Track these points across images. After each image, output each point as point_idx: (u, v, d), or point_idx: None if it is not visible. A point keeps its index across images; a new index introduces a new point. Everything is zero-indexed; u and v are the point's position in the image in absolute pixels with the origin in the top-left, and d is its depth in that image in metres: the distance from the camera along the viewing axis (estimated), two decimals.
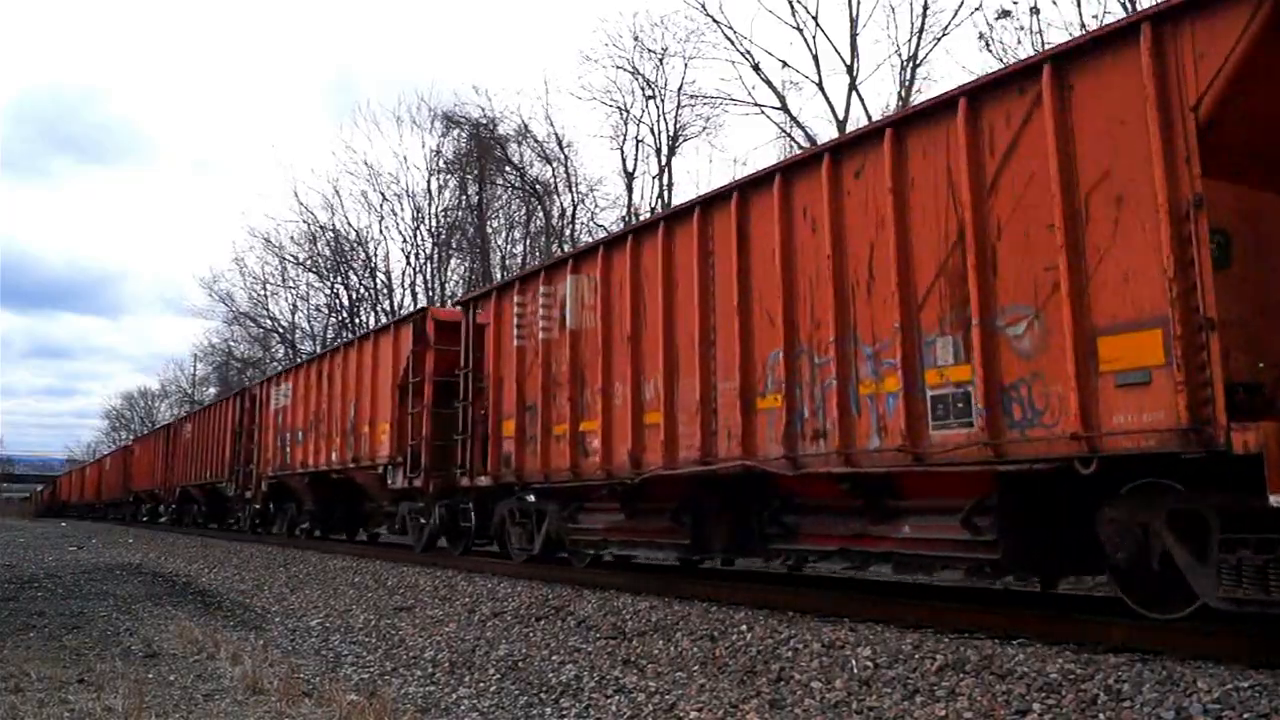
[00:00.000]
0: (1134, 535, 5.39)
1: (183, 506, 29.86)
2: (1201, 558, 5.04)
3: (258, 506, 21.21)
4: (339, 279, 40.92)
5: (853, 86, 22.52)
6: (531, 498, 10.98)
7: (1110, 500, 5.50)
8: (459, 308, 13.47)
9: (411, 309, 27.44)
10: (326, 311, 42.05)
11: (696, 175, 54.55)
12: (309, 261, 41.60)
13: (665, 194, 29.42)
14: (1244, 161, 5.07)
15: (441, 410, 12.80)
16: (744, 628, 6.60)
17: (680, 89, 29.16)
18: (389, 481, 14.05)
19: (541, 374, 10.21)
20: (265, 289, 45.16)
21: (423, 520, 13.61)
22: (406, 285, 38.21)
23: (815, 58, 23.46)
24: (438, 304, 32.64)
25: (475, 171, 35.07)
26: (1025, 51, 17.30)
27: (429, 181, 37.15)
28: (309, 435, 17.58)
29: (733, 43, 25.81)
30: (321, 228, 40.31)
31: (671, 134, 30.00)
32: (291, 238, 42.88)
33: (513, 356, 10.83)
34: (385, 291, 39.19)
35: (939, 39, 21.93)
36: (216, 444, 24.31)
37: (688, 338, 8.24)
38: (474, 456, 11.59)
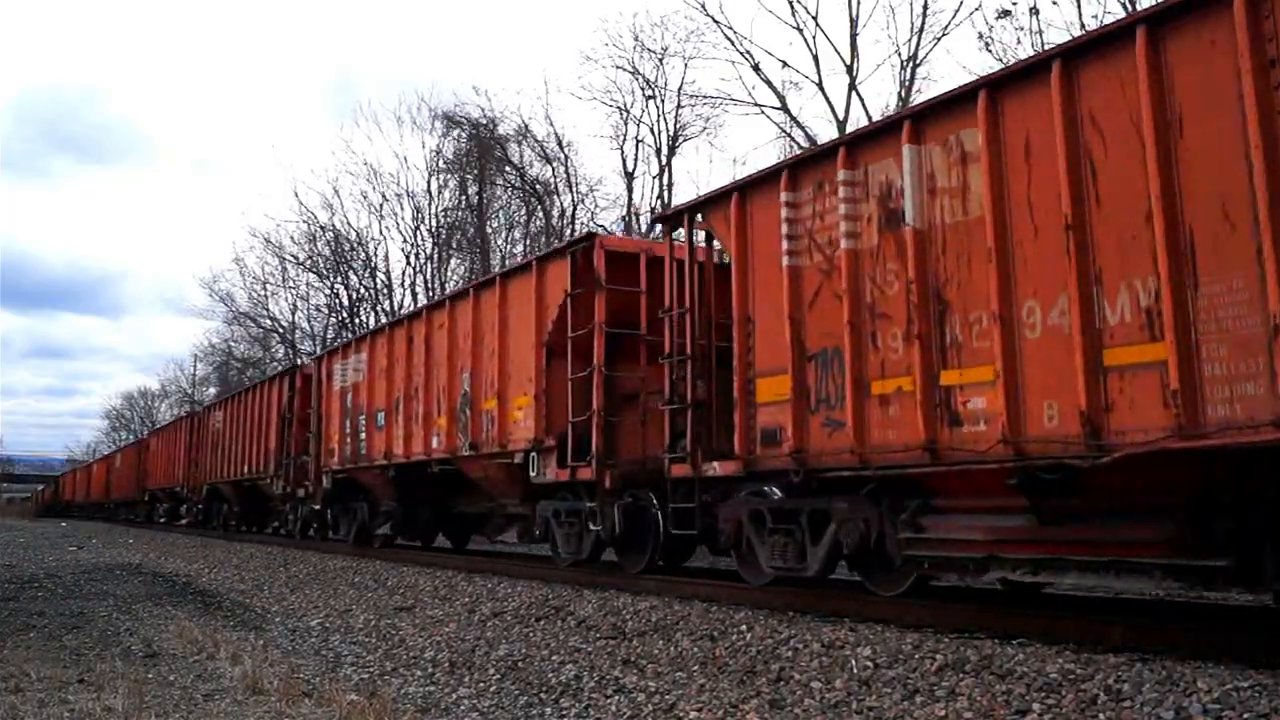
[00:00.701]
0: None
1: (211, 507, 26.73)
2: None
3: (316, 507, 17.55)
4: (339, 279, 40.97)
5: (853, 86, 22.56)
6: (774, 494, 7.80)
7: None
8: (638, 235, 11.93)
9: (412, 307, 27.07)
10: (326, 311, 42.10)
11: (696, 175, 54.59)
12: (309, 261, 41.65)
13: (665, 194, 29.44)
14: None
15: (617, 374, 9.66)
16: (744, 628, 6.60)
17: (680, 89, 29.21)
18: (531, 473, 10.33)
19: (847, 304, 6.88)
20: (265, 289, 45.19)
21: (591, 525, 9.69)
22: (406, 285, 38.26)
23: (815, 58, 23.51)
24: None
25: (475, 171, 35.09)
26: (1025, 51, 17.27)
27: (429, 181, 37.21)
28: (393, 418, 13.95)
29: (733, 43, 25.82)
30: (321, 228, 40.37)
31: (671, 134, 30.04)
32: (291, 238, 42.94)
33: (779, 284, 7.45)
34: (385, 291, 39.24)
35: (939, 39, 22.01)
36: (256, 433, 21.10)
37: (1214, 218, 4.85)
38: (710, 434, 8.26)
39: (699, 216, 8.61)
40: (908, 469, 6.46)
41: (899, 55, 23.22)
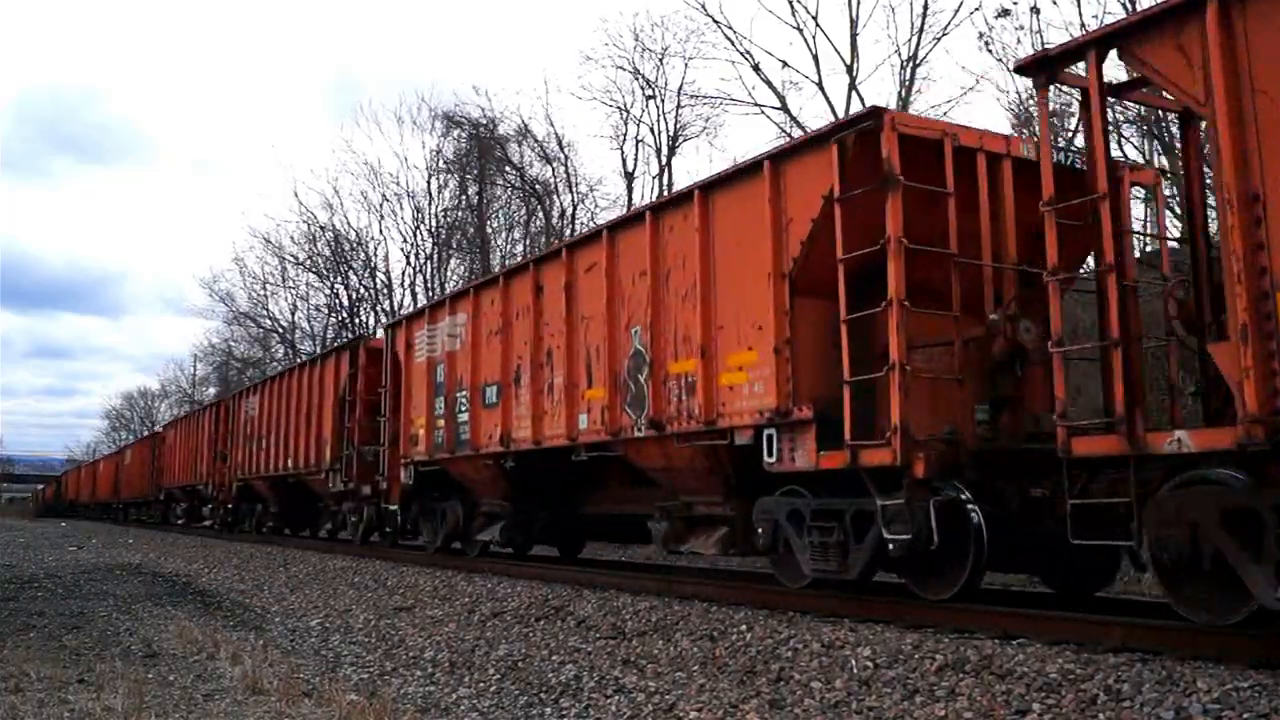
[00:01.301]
0: None
1: (241, 507, 23.57)
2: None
3: (392, 507, 14.45)
4: (339, 279, 40.94)
5: (853, 86, 22.49)
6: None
7: None
8: None
9: (411, 308, 26.86)
10: (326, 311, 42.07)
11: (696, 175, 54.52)
12: (309, 261, 41.62)
13: (665, 194, 29.42)
14: None
15: (925, 311, 6.69)
16: (744, 628, 6.60)
17: (680, 89, 29.14)
18: (767, 459, 7.39)
19: None
20: (265, 289, 45.15)
21: (885, 533, 6.54)
22: (406, 285, 38.24)
23: (815, 58, 23.44)
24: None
25: (475, 171, 35.07)
26: (1025, 52, 17.27)
27: (429, 181, 37.16)
28: (512, 394, 10.85)
29: (733, 43, 25.77)
30: (321, 228, 40.34)
31: (671, 134, 30.00)
32: (291, 238, 42.93)
33: None
34: (385, 291, 39.22)
35: (939, 39, 21.90)
36: (305, 421, 18.13)
37: None
38: (1141, 388, 5.75)
39: (1114, 53, 5.70)
40: None
41: (899, 55, 23.19)
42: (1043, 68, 6.12)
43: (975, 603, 6.47)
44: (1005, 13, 17.98)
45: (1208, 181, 6.38)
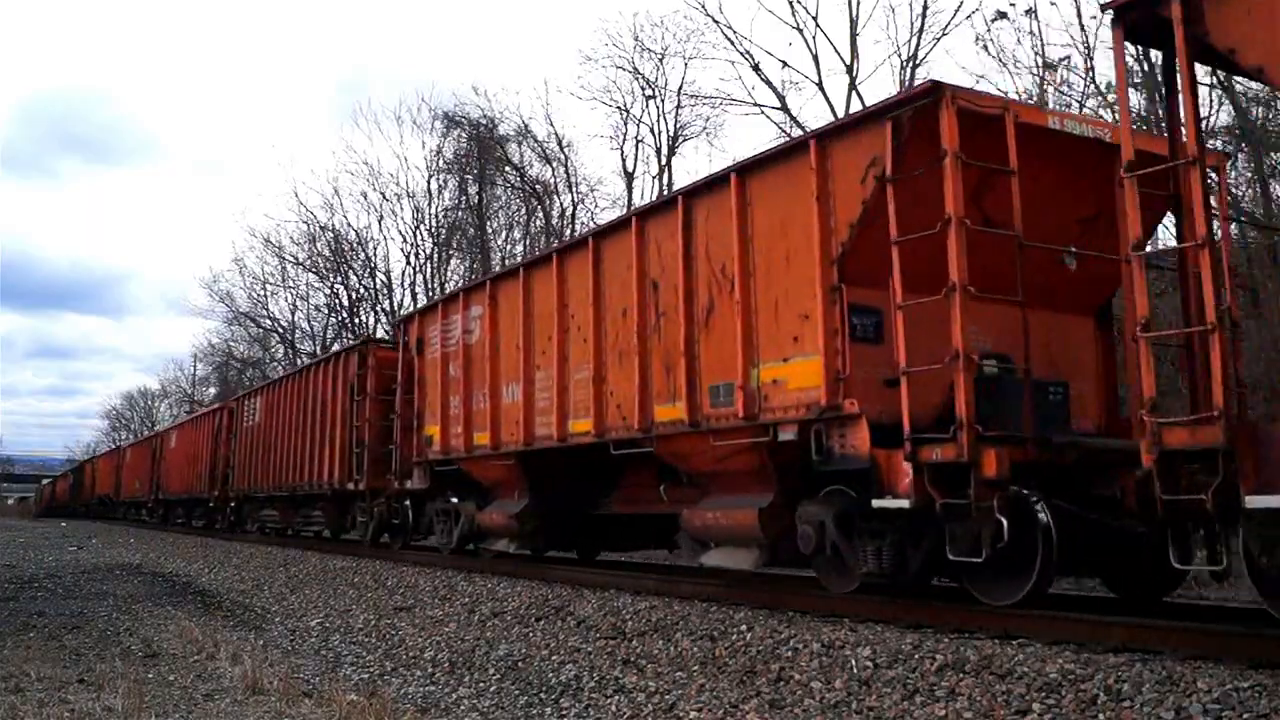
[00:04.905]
0: None
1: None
2: None
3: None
4: (339, 279, 40.93)
5: (853, 86, 22.49)
6: None
7: None
8: None
9: (411, 308, 26.65)
10: (326, 311, 42.07)
11: (696, 175, 54.53)
12: (309, 261, 41.63)
13: (665, 194, 29.42)
14: None
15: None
16: (744, 628, 6.60)
17: (680, 89, 29.15)
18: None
19: None
20: (265, 289, 45.13)
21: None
22: (406, 285, 38.25)
23: (815, 58, 23.48)
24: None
25: (475, 171, 35.09)
26: (1024, 53, 17.25)
27: (429, 181, 37.15)
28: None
29: (732, 43, 25.85)
30: (322, 228, 40.35)
31: (671, 134, 30.00)
32: (291, 238, 42.93)
33: None
34: (385, 291, 39.22)
35: (938, 39, 21.92)
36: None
37: None
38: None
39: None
40: None
41: (899, 55, 23.21)
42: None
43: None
44: (1002, 15, 18.02)
45: None
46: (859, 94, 22.27)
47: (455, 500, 12.56)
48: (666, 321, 8.48)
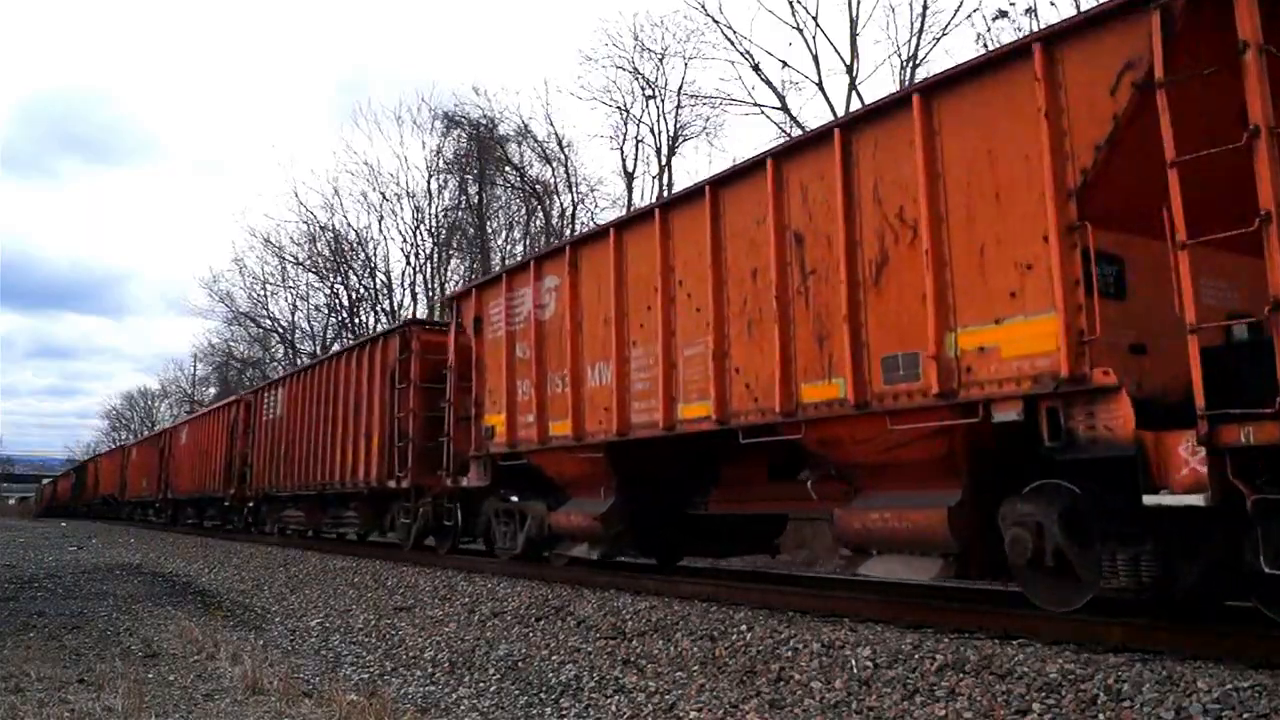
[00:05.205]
0: None
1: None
2: None
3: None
4: (339, 279, 40.98)
5: (853, 86, 22.52)
6: None
7: None
8: None
9: (411, 308, 26.54)
10: (326, 311, 42.12)
11: (696, 175, 54.56)
12: (309, 261, 41.66)
13: (665, 194, 29.46)
14: None
15: None
16: (744, 628, 6.60)
17: (680, 89, 29.19)
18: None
19: None
20: (265, 289, 45.16)
21: None
22: (406, 285, 38.28)
23: (815, 58, 23.54)
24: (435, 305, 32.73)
25: (475, 171, 35.11)
26: None
27: (429, 181, 37.22)
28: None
29: (732, 43, 25.91)
30: (321, 228, 40.39)
31: (671, 134, 30.05)
32: (291, 238, 42.99)
33: None
34: (385, 291, 39.25)
35: (938, 39, 21.94)
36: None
37: None
38: None
39: None
40: None
41: (899, 55, 23.23)
42: None
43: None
44: (1003, 14, 18.02)
45: None
46: (859, 94, 22.30)
47: (517, 499, 11.19)
48: (817, 282, 6.96)
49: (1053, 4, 24.03)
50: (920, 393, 6.17)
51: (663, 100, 29.81)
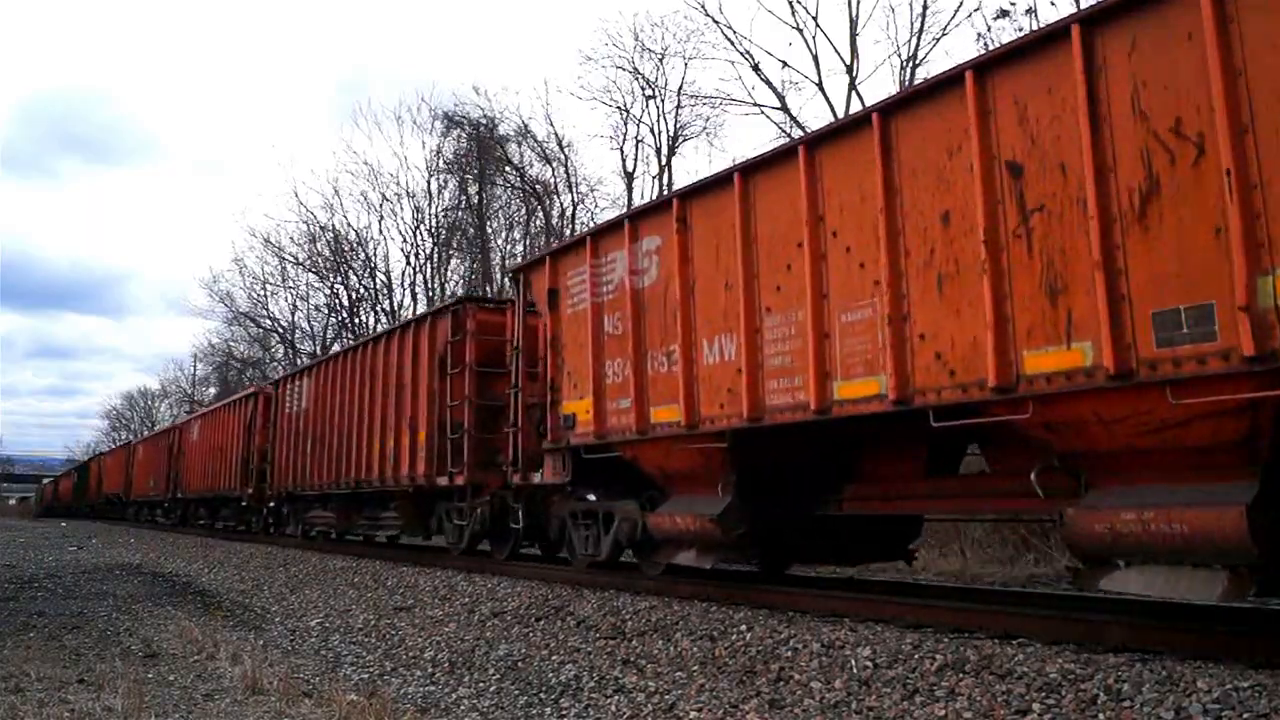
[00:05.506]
0: None
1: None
2: None
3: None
4: (339, 279, 40.97)
5: (853, 86, 22.49)
6: None
7: None
8: None
9: (411, 308, 26.53)
10: (326, 311, 42.11)
11: (696, 175, 54.57)
12: (309, 261, 41.66)
13: (666, 194, 29.39)
14: None
15: None
16: (744, 628, 6.60)
17: (680, 89, 29.19)
18: None
19: None
20: (265, 289, 45.16)
21: None
22: (406, 285, 38.28)
23: (815, 58, 23.53)
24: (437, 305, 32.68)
25: (475, 171, 35.12)
26: None
27: (429, 181, 37.20)
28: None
29: (732, 43, 25.90)
30: (321, 228, 40.39)
31: (671, 134, 30.04)
32: (291, 238, 43.02)
33: None
34: (385, 291, 39.23)
35: (938, 39, 21.92)
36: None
37: None
38: None
39: None
40: None
41: (899, 55, 23.24)
42: None
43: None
44: (1004, 14, 18.01)
45: None
46: (859, 94, 22.29)
47: (594, 498, 9.80)
48: (1045, 221, 5.44)
49: (1053, 4, 24.11)
50: (1220, 355, 4.67)
51: (663, 100, 29.83)
